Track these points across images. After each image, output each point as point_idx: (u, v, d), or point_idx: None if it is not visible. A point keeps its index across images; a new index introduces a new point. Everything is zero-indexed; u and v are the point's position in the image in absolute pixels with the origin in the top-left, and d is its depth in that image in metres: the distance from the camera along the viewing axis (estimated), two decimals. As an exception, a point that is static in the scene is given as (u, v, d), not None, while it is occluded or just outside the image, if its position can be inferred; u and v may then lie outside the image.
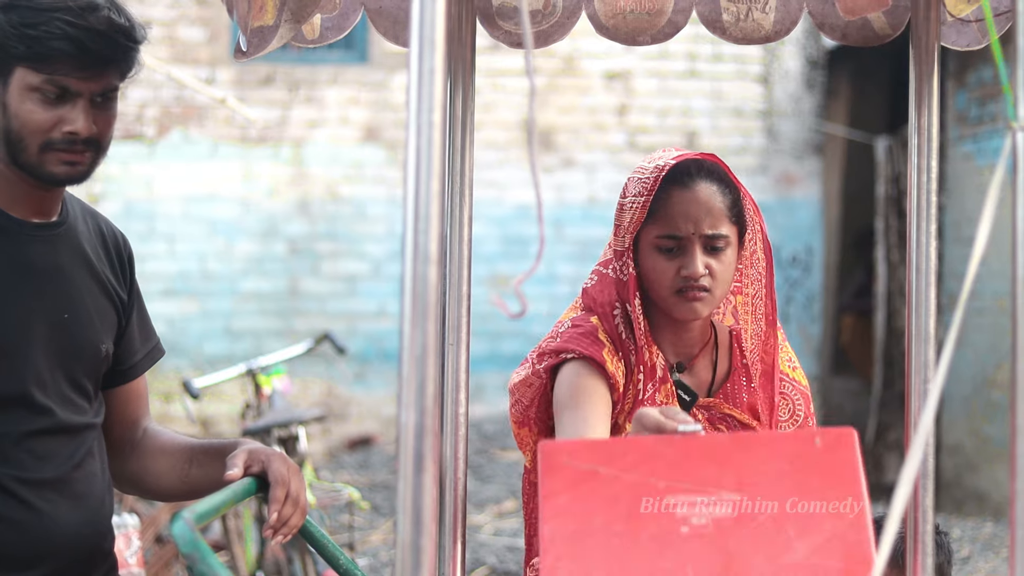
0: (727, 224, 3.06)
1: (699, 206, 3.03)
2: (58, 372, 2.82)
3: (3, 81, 2.71)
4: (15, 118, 2.71)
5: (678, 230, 3.02)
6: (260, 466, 2.82)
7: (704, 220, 3.02)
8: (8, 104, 2.71)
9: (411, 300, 1.68)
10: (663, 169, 3.03)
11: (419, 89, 1.70)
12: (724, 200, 3.06)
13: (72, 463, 2.84)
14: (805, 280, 13.01)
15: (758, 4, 3.05)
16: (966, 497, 10.64)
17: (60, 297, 2.84)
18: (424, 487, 1.65)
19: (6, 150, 2.75)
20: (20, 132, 2.72)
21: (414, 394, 1.67)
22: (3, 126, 2.73)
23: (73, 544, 2.84)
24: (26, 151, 2.73)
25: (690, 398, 3.15)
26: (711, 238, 3.03)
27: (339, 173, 12.50)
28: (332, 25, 3.09)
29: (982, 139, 10.56)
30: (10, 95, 2.71)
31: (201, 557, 2.25)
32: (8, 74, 2.71)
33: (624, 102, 12.86)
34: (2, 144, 2.75)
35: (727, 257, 3.06)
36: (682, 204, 3.03)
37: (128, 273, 3.04)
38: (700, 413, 3.14)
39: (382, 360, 12.37)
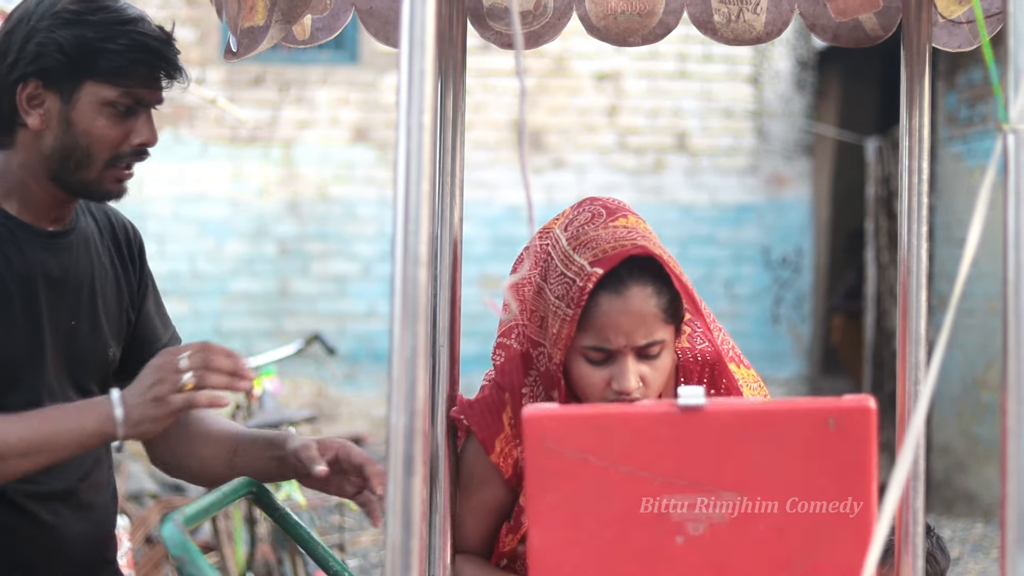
0: (662, 328, 2.74)
1: (631, 317, 2.70)
2: (66, 381, 2.81)
3: (68, 98, 2.66)
4: (85, 135, 2.67)
5: (608, 343, 2.71)
6: (333, 453, 2.84)
7: (638, 331, 2.71)
8: (75, 121, 2.66)
9: (401, 302, 1.68)
10: (589, 278, 2.70)
11: (409, 90, 1.69)
12: (659, 302, 2.73)
13: (79, 474, 2.83)
14: (795, 281, 13.03)
15: (749, 5, 3.04)
16: (956, 498, 10.66)
17: (70, 305, 2.82)
18: (414, 489, 1.65)
19: (58, 167, 2.69)
20: (89, 148, 2.68)
21: (404, 396, 1.66)
22: (64, 143, 2.68)
23: (80, 555, 2.84)
24: (91, 167, 2.69)
25: None
26: (645, 347, 2.72)
27: (329, 173, 12.49)
28: (323, 26, 3.08)
29: (972, 140, 10.58)
30: (78, 112, 2.66)
31: (191, 559, 2.25)
32: (75, 90, 2.66)
33: (614, 103, 12.87)
34: (54, 161, 2.69)
35: (662, 361, 2.76)
36: (612, 315, 2.70)
37: (138, 262, 3.01)
38: None
39: (372, 361, 12.37)
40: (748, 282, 12.94)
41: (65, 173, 2.70)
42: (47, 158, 2.69)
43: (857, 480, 2.06)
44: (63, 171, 2.70)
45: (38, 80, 2.65)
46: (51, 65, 2.64)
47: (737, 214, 12.90)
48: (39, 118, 2.67)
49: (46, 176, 2.72)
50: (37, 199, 2.75)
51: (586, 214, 2.84)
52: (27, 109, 2.67)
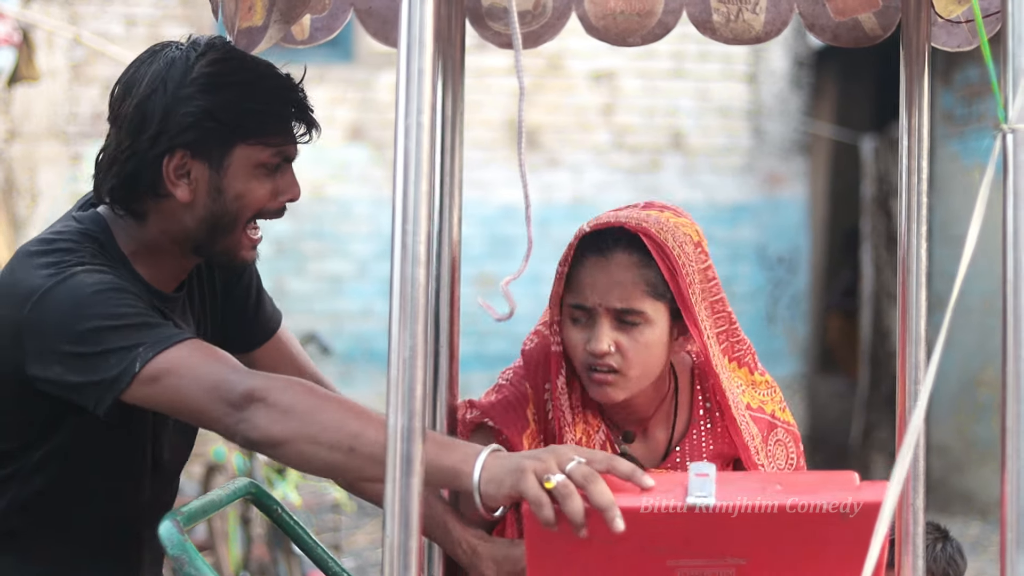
0: (644, 299, 2.75)
1: (609, 277, 2.75)
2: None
3: (218, 164, 2.57)
4: (236, 200, 2.60)
5: (585, 300, 2.76)
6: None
7: (613, 292, 2.74)
8: (226, 188, 2.58)
9: (399, 302, 1.68)
10: (579, 236, 2.81)
11: (407, 90, 1.69)
12: (643, 273, 2.75)
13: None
14: (791, 280, 13.03)
15: (748, 5, 3.03)
16: (953, 497, 10.67)
17: None
18: (412, 489, 1.65)
19: (205, 237, 2.62)
20: (237, 212, 2.61)
21: (402, 397, 1.66)
22: (212, 212, 2.60)
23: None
24: (235, 232, 2.64)
25: None
26: (622, 312, 2.74)
27: (324, 173, 12.48)
28: (322, 26, 3.07)
29: (969, 138, 10.58)
30: (229, 178, 2.58)
31: (189, 559, 2.24)
32: (225, 156, 2.57)
33: (610, 102, 12.87)
34: (202, 232, 2.61)
35: (644, 336, 2.76)
36: (592, 272, 2.76)
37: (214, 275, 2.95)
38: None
39: (368, 360, 12.36)
40: (744, 281, 12.94)
41: (211, 242, 2.63)
42: (193, 229, 2.61)
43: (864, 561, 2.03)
44: (209, 240, 2.63)
45: (185, 150, 2.55)
46: (201, 134, 2.54)
47: (733, 213, 12.90)
48: (187, 189, 2.57)
49: (188, 247, 2.65)
50: (167, 266, 2.69)
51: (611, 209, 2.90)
52: (174, 181, 2.56)
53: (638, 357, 2.76)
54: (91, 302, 2.43)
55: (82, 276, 2.47)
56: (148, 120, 2.53)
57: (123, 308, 2.43)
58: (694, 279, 2.80)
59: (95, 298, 2.43)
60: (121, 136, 2.57)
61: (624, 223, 2.77)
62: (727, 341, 2.96)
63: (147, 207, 2.61)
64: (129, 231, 2.65)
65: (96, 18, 12.00)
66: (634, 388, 2.81)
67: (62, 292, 2.45)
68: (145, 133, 2.54)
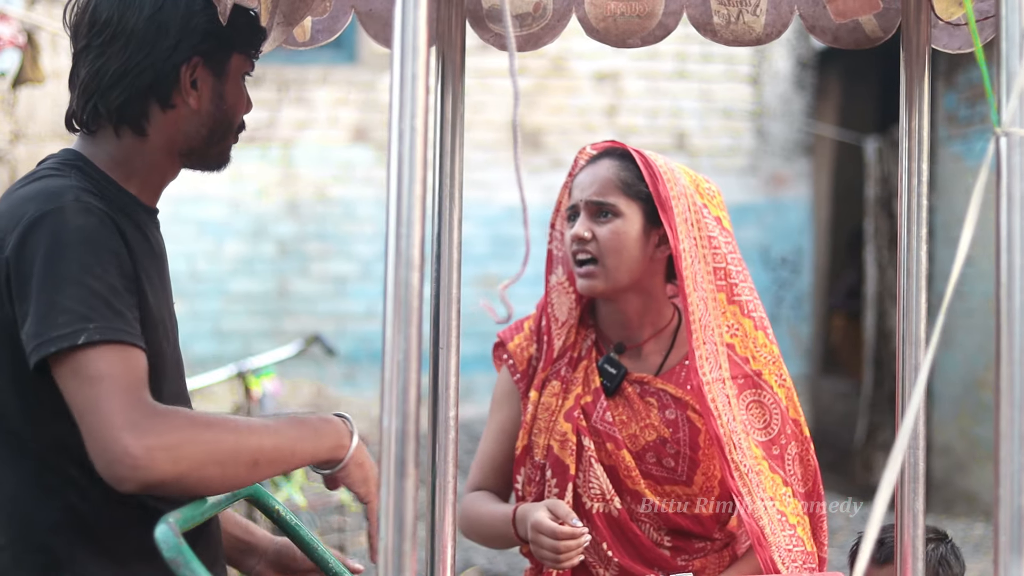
0: (620, 196, 3.21)
1: (592, 176, 3.25)
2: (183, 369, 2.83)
3: (221, 71, 2.69)
4: (233, 107, 2.72)
5: (572, 197, 3.27)
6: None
7: (592, 186, 3.23)
8: (226, 94, 2.70)
9: (394, 305, 1.68)
10: (585, 154, 3.34)
11: (401, 94, 1.69)
12: (620, 173, 3.22)
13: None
14: (794, 281, 13.03)
15: (749, 7, 3.04)
16: (956, 498, 10.66)
17: (170, 289, 2.83)
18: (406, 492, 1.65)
19: (203, 143, 2.71)
20: (232, 120, 2.72)
21: (396, 399, 1.67)
22: (215, 118, 2.70)
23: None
24: (229, 138, 2.74)
25: (616, 371, 3.22)
26: (596, 204, 3.21)
27: (328, 173, 12.49)
28: (323, 28, 3.09)
29: (971, 140, 10.58)
30: (228, 85, 2.70)
31: (184, 561, 2.25)
32: (226, 63, 2.69)
33: (613, 103, 12.87)
34: (200, 138, 2.70)
35: (617, 227, 3.20)
36: (581, 175, 3.28)
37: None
38: (632, 386, 3.21)
39: (372, 361, 12.36)
40: (748, 282, 12.93)
41: (206, 146, 2.72)
42: (194, 136, 2.69)
43: None
44: (205, 145, 2.72)
45: (200, 58, 2.65)
46: (214, 42, 2.65)
47: (736, 214, 12.79)
48: (196, 96, 2.67)
49: (182, 153, 2.72)
50: (156, 180, 2.75)
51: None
52: (189, 89, 2.66)
53: (610, 245, 3.18)
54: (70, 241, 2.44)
55: (68, 213, 2.47)
56: (164, 31, 2.61)
57: (96, 267, 2.43)
58: (681, 200, 3.18)
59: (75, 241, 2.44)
60: (130, 51, 2.62)
61: (619, 143, 3.30)
62: (727, 281, 3.20)
63: (151, 119, 2.67)
64: (117, 154, 2.69)
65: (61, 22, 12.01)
66: (612, 280, 3.20)
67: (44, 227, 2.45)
68: (163, 43, 2.61)
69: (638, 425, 3.18)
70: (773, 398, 3.19)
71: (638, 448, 3.16)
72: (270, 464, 2.46)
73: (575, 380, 3.22)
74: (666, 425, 3.17)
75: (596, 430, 3.17)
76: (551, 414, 3.19)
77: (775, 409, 3.19)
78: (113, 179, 2.68)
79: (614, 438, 3.16)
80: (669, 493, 3.16)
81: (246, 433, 2.44)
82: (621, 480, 3.15)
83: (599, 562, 3.15)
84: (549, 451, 3.18)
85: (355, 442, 2.61)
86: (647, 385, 3.21)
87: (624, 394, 3.21)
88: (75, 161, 2.68)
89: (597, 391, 3.21)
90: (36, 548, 2.53)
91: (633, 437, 3.17)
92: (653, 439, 3.17)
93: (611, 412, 3.19)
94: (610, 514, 3.15)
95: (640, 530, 3.15)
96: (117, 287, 2.44)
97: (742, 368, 3.18)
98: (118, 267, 2.47)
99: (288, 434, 2.51)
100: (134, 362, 2.39)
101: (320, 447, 2.55)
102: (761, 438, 3.16)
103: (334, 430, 2.58)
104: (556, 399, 3.21)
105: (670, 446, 3.16)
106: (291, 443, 2.51)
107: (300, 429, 2.54)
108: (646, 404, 3.19)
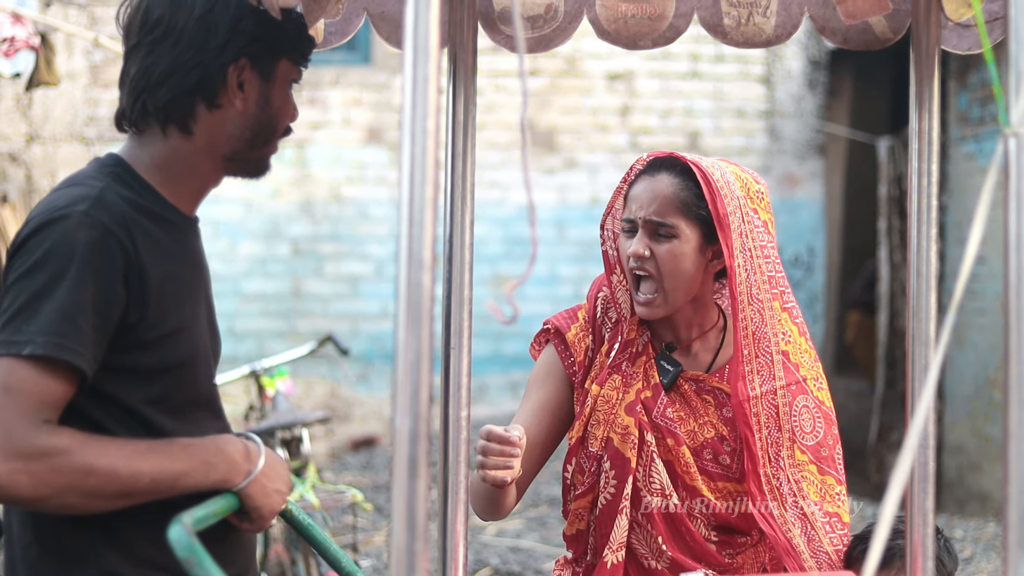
0: (679, 217, 3.17)
1: (651, 192, 3.19)
2: (213, 375, 2.85)
3: (268, 75, 2.70)
4: (278, 113, 2.73)
5: (631, 213, 3.22)
6: None
7: (651, 205, 3.18)
8: (272, 98, 2.71)
9: (406, 306, 1.69)
10: (642, 161, 3.26)
11: (414, 96, 1.70)
12: (679, 192, 3.17)
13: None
14: (807, 280, 13.02)
15: (759, 8, 3.05)
16: (968, 497, 10.65)
17: (210, 296, 2.85)
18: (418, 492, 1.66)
19: (246, 146, 2.73)
20: (276, 125, 2.74)
21: (408, 399, 1.67)
22: (259, 122, 2.71)
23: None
24: (271, 143, 2.75)
25: (673, 368, 3.25)
26: (655, 224, 3.17)
27: (342, 174, 12.51)
28: (336, 30, 3.10)
29: (984, 139, 10.56)
30: (275, 89, 2.71)
31: (197, 560, 2.26)
32: (274, 68, 2.70)
33: (626, 103, 12.87)
34: (244, 141, 2.72)
35: (673, 249, 3.18)
36: (639, 190, 3.22)
37: None
38: (688, 384, 3.24)
39: (385, 361, 12.38)
40: (761, 282, 12.92)
41: (249, 150, 2.73)
42: (236, 138, 2.71)
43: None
44: (248, 149, 2.73)
45: (248, 59, 2.67)
46: (261, 45, 2.67)
47: (750, 214, 12.88)
48: (242, 98, 2.69)
49: (225, 156, 2.73)
50: (196, 186, 2.76)
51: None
52: (235, 90, 2.68)
53: (669, 266, 3.18)
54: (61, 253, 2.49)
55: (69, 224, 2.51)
56: (213, 31, 2.64)
57: (74, 282, 2.48)
58: (736, 214, 3.16)
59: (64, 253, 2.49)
60: (179, 49, 2.65)
61: (677, 155, 3.23)
62: (778, 288, 3.23)
63: (198, 119, 2.69)
64: (158, 157, 2.71)
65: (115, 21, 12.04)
66: (672, 305, 3.23)
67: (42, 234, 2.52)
68: (212, 43, 2.64)
69: (696, 422, 3.21)
70: (816, 402, 3.24)
71: (696, 445, 3.20)
72: (145, 495, 2.53)
73: (635, 375, 3.24)
74: (724, 423, 3.21)
75: (657, 425, 3.19)
76: (611, 407, 3.21)
77: (818, 412, 3.24)
78: (151, 185, 2.70)
79: (674, 434, 3.18)
80: (722, 490, 3.20)
81: (125, 465, 2.49)
82: (679, 476, 3.18)
83: (651, 554, 3.18)
84: (608, 443, 3.20)
85: (258, 467, 2.67)
86: (702, 383, 3.24)
87: (681, 391, 3.24)
88: (114, 167, 2.70)
89: (657, 387, 3.23)
90: (59, 544, 2.61)
91: (692, 434, 3.20)
92: (711, 436, 3.20)
93: (671, 408, 3.21)
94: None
95: (693, 525, 3.17)
96: (86, 304, 2.49)
97: (795, 375, 3.22)
98: (99, 284, 2.51)
99: (173, 468, 2.56)
100: (52, 383, 2.45)
101: (208, 479, 2.60)
102: (810, 442, 3.21)
103: (226, 461, 2.63)
104: (616, 392, 3.22)
105: (727, 443, 3.19)
106: (172, 478, 2.56)
107: (190, 461, 2.59)
108: (703, 402, 3.22)
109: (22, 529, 2.65)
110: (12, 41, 6.88)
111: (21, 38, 6.92)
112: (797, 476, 3.17)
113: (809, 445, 3.21)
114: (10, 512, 2.69)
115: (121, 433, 2.57)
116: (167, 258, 2.64)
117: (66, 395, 2.48)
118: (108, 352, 2.54)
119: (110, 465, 2.47)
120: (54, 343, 2.43)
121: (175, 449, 2.58)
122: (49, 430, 2.44)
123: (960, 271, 1.64)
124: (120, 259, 2.53)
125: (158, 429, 2.62)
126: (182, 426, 2.67)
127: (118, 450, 2.50)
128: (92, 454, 2.46)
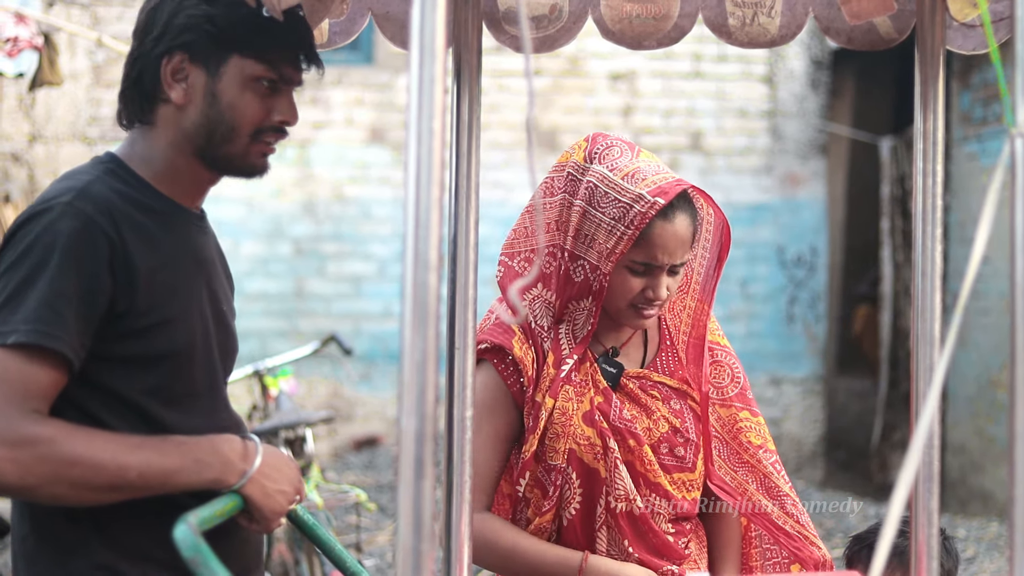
0: (690, 250, 3.24)
1: (677, 240, 3.17)
2: (221, 369, 2.86)
3: (214, 71, 2.69)
4: (230, 108, 2.70)
5: (655, 260, 3.17)
6: None
7: (677, 252, 3.18)
8: (220, 94, 2.69)
9: (412, 306, 1.69)
10: (652, 206, 3.11)
11: (420, 97, 1.70)
12: (692, 229, 3.22)
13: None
14: (809, 280, 13.01)
15: (764, 8, 3.04)
16: (971, 497, 10.65)
17: (219, 290, 2.88)
18: (424, 492, 1.66)
19: (204, 142, 2.72)
20: (233, 123, 2.71)
21: (414, 400, 1.67)
22: (208, 117, 2.70)
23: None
24: (235, 142, 2.72)
25: (616, 370, 3.29)
26: (677, 265, 3.21)
27: (344, 174, 12.51)
28: (340, 30, 3.10)
29: (987, 139, 10.56)
30: (223, 85, 2.69)
31: (203, 560, 2.26)
32: (221, 64, 2.69)
33: (629, 103, 12.87)
34: (199, 136, 2.72)
35: (681, 276, 3.27)
36: (663, 238, 3.16)
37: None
38: (631, 383, 3.29)
39: (388, 361, 12.38)
40: (763, 282, 12.93)
41: (210, 147, 2.73)
42: (191, 133, 2.72)
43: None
44: (208, 145, 2.72)
45: (184, 53, 2.68)
46: (198, 38, 2.67)
47: (752, 214, 12.89)
48: (182, 92, 2.70)
49: (191, 152, 2.74)
50: (185, 180, 2.78)
51: (615, 150, 3.24)
52: (171, 83, 2.69)
53: (674, 292, 3.26)
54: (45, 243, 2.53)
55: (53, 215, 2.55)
56: (155, 23, 2.70)
57: (56, 271, 2.51)
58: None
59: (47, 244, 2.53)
60: (133, 44, 2.74)
61: (686, 186, 3.18)
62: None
63: (154, 113, 2.74)
64: (143, 152, 2.76)
65: (118, 21, 12.04)
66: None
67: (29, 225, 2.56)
68: (149, 35, 2.70)
69: (650, 419, 3.23)
70: (717, 347, 3.43)
71: (653, 441, 3.22)
72: (135, 491, 2.54)
73: (584, 383, 3.24)
74: (674, 415, 3.24)
75: (617, 429, 3.20)
76: (567, 418, 3.20)
77: (724, 355, 3.44)
78: (144, 179, 2.74)
79: (635, 434, 3.19)
80: (678, 482, 3.23)
81: (112, 458, 2.50)
82: (641, 475, 3.19)
83: (619, 556, 3.19)
84: (571, 455, 3.19)
85: (254, 467, 2.68)
86: (644, 379, 3.28)
87: (627, 391, 3.26)
88: (108, 162, 2.75)
89: (607, 391, 3.24)
90: (53, 535, 2.64)
91: (648, 431, 3.22)
92: (666, 430, 3.23)
93: (625, 409, 3.22)
94: (631, 512, 3.18)
95: (655, 523, 3.19)
96: (70, 293, 2.51)
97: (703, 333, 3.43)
98: (82, 273, 2.54)
99: (163, 464, 2.57)
100: (38, 371, 2.48)
101: (201, 477, 2.61)
102: (733, 391, 3.39)
103: (221, 460, 2.64)
104: (572, 403, 3.22)
105: (680, 435, 3.23)
106: (162, 474, 2.57)
107: (182, 459, 2.60)
108: (651, 398, 3.26)
109: (20, 521, 2.70)
110: (15, 41, 6.88)
111: (24, 38, 6.92)
112: (736, 431, 3.35)
113: (734, 395, 3.38)
114: (12, 507, 2.73)
115: (119, 426, 2.59)
116: (158, 248, 2.66)
117: (54, 384, 2.51)
118: (99, 341, 2.57)
119: (96, 457, 2.48)
120: (37, 331, 2.46)
121: (167, 446, 2.59)
122: (36, 419, 2.46)
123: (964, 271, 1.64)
124: (105, 248, 2.56)
125: (157, 421, 2.65)
126: (183, 418, 2.69)
127: (106, 443, 2.52)
128: (78, 445, 2.48)
